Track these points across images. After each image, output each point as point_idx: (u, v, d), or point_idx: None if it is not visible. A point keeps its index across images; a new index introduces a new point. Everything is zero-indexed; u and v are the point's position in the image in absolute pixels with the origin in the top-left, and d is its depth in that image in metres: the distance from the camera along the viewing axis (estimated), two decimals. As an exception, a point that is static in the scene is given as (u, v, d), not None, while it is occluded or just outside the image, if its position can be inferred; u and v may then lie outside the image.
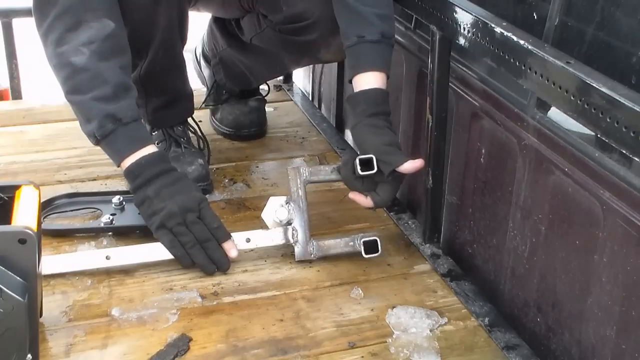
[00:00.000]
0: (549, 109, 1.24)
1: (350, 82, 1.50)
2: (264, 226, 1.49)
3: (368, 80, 1.46)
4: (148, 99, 1.73)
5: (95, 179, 1.76)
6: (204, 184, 1.71)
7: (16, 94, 2.27)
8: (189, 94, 1.78)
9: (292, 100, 2.27)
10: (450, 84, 1.48)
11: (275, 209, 1.47)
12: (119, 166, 1.45)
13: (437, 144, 1.50)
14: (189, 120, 1.82)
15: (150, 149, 1.45)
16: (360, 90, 1.47)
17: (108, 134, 1.41)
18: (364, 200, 1.47)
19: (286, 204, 1.47)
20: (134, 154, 1.43)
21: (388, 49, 1.50)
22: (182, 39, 1.68)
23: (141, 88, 1.70)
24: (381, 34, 1.47)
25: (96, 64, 1.40)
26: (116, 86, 1.42)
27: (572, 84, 1.05)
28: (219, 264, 1.44)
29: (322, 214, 1.64)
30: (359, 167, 1.41)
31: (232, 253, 1.44)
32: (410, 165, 1.40)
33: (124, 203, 1.59)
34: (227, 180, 1.80)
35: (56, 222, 1.59)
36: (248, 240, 1.47)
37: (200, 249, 1.42)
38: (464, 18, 1.31)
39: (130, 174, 1.44)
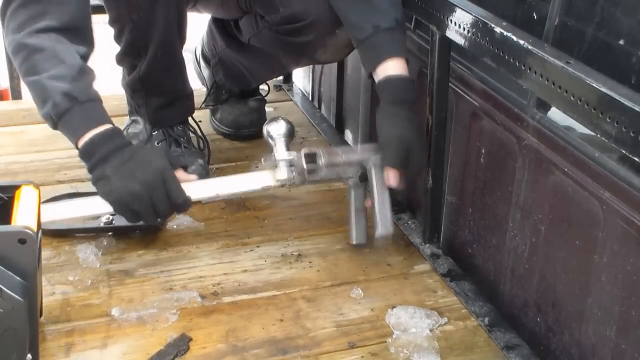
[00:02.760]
0: (549, 109, 1.24)
1: (370, 75, 1.49)
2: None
3: (391, 68, 1.45)
4: (148, 99, 1.73)
5: (95, 179, 1.76)
6: (204, 184, 1.71)
7: (16, 94, 2.27)
8: (188, 94, 1.79)
9: (292, 100, 2.27)
10: (450, 84, 1.48)
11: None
12: (76, 147, 1.39)
13: (437, 144, 1.50)
14: (189, 120, 1.82)
15: (106, 127, 1.38)
16: (386, 77, 1.46)
17: (63, 113, 1.36)
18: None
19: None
20: (89, 133, 1.37)
21: (403, 35, 1.50)
22: (181, 38, 1.68)
23: (141, 88, 1.71)
24: (395, 20, 1.47)
25: (53, 45, 1.38)
26: (73, 67, 1.38)
27: (572, 84, 1.05)
28: None
29: (322, 214, 1.64)
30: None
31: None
32: (388, 178, 1.43)
33: (124, 203, 1.58)
34: (227, 180, 1.80)
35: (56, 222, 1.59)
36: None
37: (156, 218, 1.39)
38: (464, 18, 1.31)
39: (85, 153, 1.37)
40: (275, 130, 1.47)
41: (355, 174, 1.48)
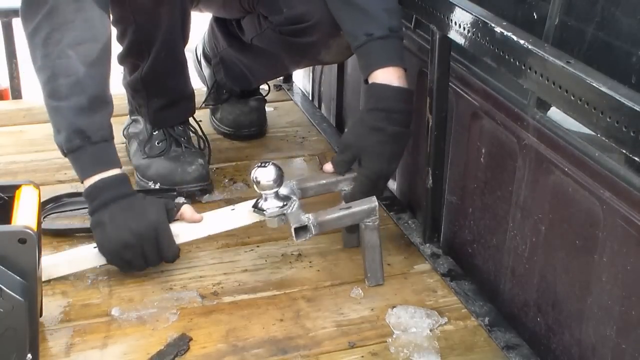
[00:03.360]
0: (549, 109, 1.24)
1: (366, 82, 1.49)
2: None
3: (380, 77, 1.45)
4: (149, 100, 1.73)
5: (95, 179, 1.76)
6: (204, 184, 1.71)
7: (16, 94, 2.27)
8: (190, 94, 1.79)
9: (292, 100, 2.27)
10: (450, 84, 1.48)
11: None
12: (82, 183, 1.41)
13: (437, 144, 1.50)
14: (190, 119, 1.82)
15: (114, 172, 1.39)
16: (371, 84, 1.46)
17: (75, 150, 1.38)
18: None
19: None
20: (96, 176, 1.38)
21: (398, 43, 1.49)
22: (184, 39, 1.68)
23: (142, 88, 1.71)
24: (389, 28, 1.47)
25: (78, 70, 1.37)
26: (93, 98, 1.38)
27: (572, 84, 1.05)
28: None
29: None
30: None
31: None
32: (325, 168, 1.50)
33: (123, 203, 1.58)
34: (227, 180, 1.80)
35: (56, 222, 1.59)
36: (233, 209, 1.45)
37: (145, 267, 1.41)
38: (464, 18, 1.31)
39: (88, 196, 1.39)
40: (264, 177, 1.38)
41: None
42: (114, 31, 1.63)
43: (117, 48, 1.67)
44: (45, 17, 1.38)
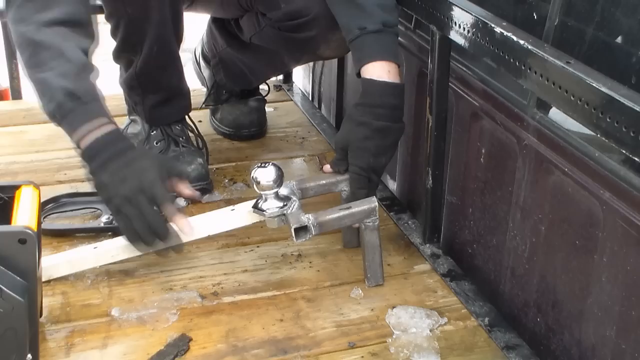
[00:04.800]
0: (549, 109, 1.24)
1: (358, 75, 1.49)
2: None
3: (371, 71, 1.45)
4: (145, 96, 1.73)
5: (95, 179, 1.76)
6: (204, 184, 1.71)
7: (16, 94, 2.27)
8: (185, 92, 1.78)
9: (292, 100, 2.27)
10: (450, 84, 1.48)
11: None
12: (78, 147, 1.37)
13: (437, 144, 1.50)
14: (187, 119, 1.82)
15: (107, 128, 1.37)
16: (362, 79, 1.46)
17: (67, 113, 1.36)
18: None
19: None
20: (91, 134, 1.36)
21: (391, 38, 1.48)
22: (177, 35, 1.68)
23: (137, 85, 1.71)
24: (383, 23, 1.46)
25: (60, 42, 1.37)
26: (78, 65, 1.38)
27: (572, 84, 1.05)
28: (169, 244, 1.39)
29: (322, 214, 1.64)
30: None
31: (186, 231, 1.38)
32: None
33: (124, 203, 1.58)
34: (227, 180, 1.80)
35: (56, 222, 1.59)
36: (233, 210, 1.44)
37: (153, 235, 1.35)
38: (464, 18, 1.31)
39: (85, 156, 1.37)
40: (264, 177, 1.38)
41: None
42: (107, 26, 1.64)
43: (112, 44, 1.68)
44: (26, 1, 1.39)
